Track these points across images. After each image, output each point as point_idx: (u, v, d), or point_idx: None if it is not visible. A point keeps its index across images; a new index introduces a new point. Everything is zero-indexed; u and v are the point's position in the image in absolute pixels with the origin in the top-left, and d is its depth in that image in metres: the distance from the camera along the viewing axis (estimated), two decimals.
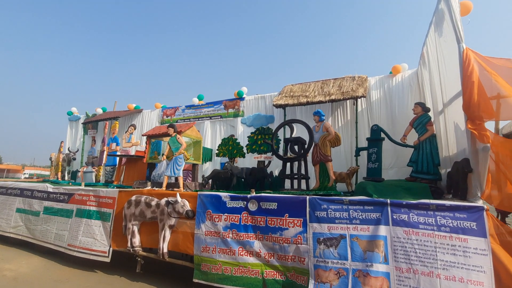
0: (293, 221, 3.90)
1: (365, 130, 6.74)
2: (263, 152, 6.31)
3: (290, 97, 7.03)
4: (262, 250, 4.03)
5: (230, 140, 6.68)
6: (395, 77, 6.82)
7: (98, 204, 5.76)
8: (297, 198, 3.98)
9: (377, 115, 6.81)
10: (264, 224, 4.08)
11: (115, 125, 8.02)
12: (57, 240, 6.04)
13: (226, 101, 8.76)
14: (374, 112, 6.84)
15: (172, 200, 4.79)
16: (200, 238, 4.43)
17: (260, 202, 4.18)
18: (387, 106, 6.75)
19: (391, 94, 6.71)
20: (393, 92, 6.72)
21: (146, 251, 5.18)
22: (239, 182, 6.16)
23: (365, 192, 4.23)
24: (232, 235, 4.22)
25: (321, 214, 3.78)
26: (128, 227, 5.15)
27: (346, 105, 7.05)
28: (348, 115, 7.02)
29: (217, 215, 4.41)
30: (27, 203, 6.92)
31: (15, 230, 6.90)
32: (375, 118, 6.75)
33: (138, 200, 5.15)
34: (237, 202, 4.35)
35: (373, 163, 5.16)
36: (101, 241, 5.47)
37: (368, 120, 6.87)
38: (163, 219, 4.82)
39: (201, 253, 4.37)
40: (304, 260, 3.72)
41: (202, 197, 4.64)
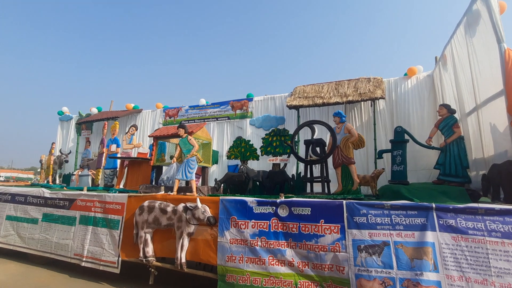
0: (330, 228, 3.68)
1: (381, 132, 6.65)
2: (278, 154, 6.08)
3: (304, 98, 6.86)
4: (295, 258, 3.78)
5: (243, 142, 6.42)
6: (410, 79, 6.78)
7: (105, 211, 5.35)
8: (333, 202, 3.78)
9: (393, 117, 6.74)
10: (296, 231, 3.84)
11: (115, 125, 7.59)
12: (59, 250, 5.58)
13: (234, 101, 8.49)
14: (390, 114, 6.76)
15: (191, 206, 4.48)
16: (225, 247, 4.14)
17: (291, 207, 3.94)
18: (402, 108, 6.70)
19: (407, 96, 6.67)
20: (409, 94, 6.68)
21: (159, 261, 4.83)
22: (254, 186, 5.90)
23: (400, 196, 4.08)
24: (261, 243, 3.95)
25: (360, 220, 3.59)
26: (140, 235, 4.78)
27: (361, 106, 6.95)
28: (364, 116, 6.92)
29: (243, 221, 4.13)
30: (20, 209, 6.39)
31: (5, 239, 6.35)
32: (391, 120, 6.67)
33: (152, 206, 4.79)
34: (265, 208, 4.09)
35: (398, 166, 5.04)
36: (109, 251, 5.08)
37: (384, 122, 6.78)
38: (180, 226, 4.49)
39: (226, 263, 4.07)
40: (344, 269, 3.51)
41: (225, 202, 4.35)
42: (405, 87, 6.77)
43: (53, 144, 9.18)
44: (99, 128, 10.29)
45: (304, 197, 4.29)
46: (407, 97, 6.67)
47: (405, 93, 6.70)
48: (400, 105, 6.74)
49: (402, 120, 6.57)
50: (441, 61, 5.90)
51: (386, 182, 5.52)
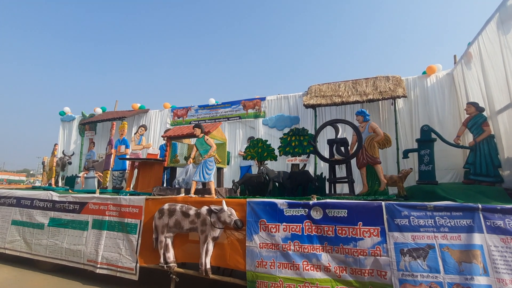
0: (369, 230, 3.54)
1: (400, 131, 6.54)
2: (297, 154, 5.91)
3: (321, 97, 6.73)
4: (332, 263, 3.62)
5: (259, 142, 6.24)
6: (429, 78, 6.70)
7: (120, 214, 5.12)
8: (371, 204, 3.64)
9: (412, 116, 6.65)
10: (332, 234, 3.68)
11: (124, 125, 7.33)
12: (70, 256, 5.33)
13: (245, 101, 8.31)
14: (408, 112, 6.67)
15: (216, 209, 4.29)
16: (254, 251, 3.96)
17: (325, 210, 3.79)
18: (422, 107, 6.62)
19: (427, 95, 6.59)
20: (429, 92, 6.60)
21: (180, 267, 4.62)
22: (274, 187, 5.73)
23: (436, 196, 3.96)
24: (294, 247, 3.79)
25: (402, 222, 3.45)
26: (161, 240, 4.57)
27: (379, 105, 6.84)
28: (382, 115, 6.82)
29: (273, 224, 3.96)
30: (26, 214, 6.11)
31: (11, 245, 6.06)
32: (410, 119, 6.57)
33: (172, 209, 4.58)
34: (297, 210, 3.93)
35: (426, 166, 4.93)
36: (126, 257, 4.86)
37: (403, 121, 6.68)
38: (205, 230, 4.29)
39: (256, 268, 3.90)
40: (386, 274, 3.36)
41: (253, 205, 4.18)
42: (424, 86, 6.69)
43: (55, 146, 8.86)
44: (103, 128, 10.01)
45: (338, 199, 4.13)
46: (427, 95, 6.59)
47: (425, 92, 6.63)
48: (420, 104, 6.66)
49: (421, 119, 6.48)
50: (464, 59, 5.82)
51: (408, 182, 5.40)
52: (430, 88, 6.62)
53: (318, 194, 5.24)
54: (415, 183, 5.23)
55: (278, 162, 6.51)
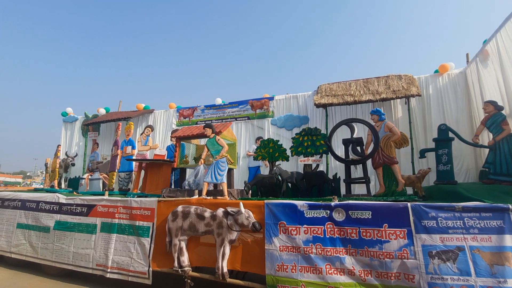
0: (395, 232, 3.44)
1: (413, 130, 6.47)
2: (310, 155, 5.80)
3: (332, 96, 6.64)
4: (356, 267, 3.52)
5: (271, 142, 6.12)
6: (441, 76, 6.64)
7: (131, 217, 4.99)
8: (397, 205, 3.54)
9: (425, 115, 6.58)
10: (356, 237, 3.58)
11: (130, 126, 7.20)
12: (78, 260, 5.18)
13: (253, 100, 8.20)
14: (421, 111, 6.60)
15: (233, 211, 4.17)
16: (274, 255, 3.85)
17: (348, 211, 3.69)
18: (435, 106, 6.56)
19: (440, 94, 6.53)
20: (441, 91, 6.54)
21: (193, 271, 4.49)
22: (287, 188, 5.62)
23: (459, 197, 3.88)
24: (316, 250, 3.68)
25: (429, 224, 3.36)
26: (174, 244, 4.45)
27: (391, 104, 6.77)
28: (394, 114, 6.74)
29: (294, 227, 3.85)
30: (31, 217, 5.96)
31: (17, 249, 5.91)
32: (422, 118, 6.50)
33: (187, 211, 4.46)
34: (318, 212, 3.82)
35: (444, 165, 4.86)
36: (138, 261, 4.72)
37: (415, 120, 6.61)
38: (221, 233, 4.17)
39: (276, 272, 3.79)
40: (414, 278, 3.27)
41: (271, 207, 4.07)
42: (437, 85, 6.62)
43: (58, 147, 8.71)
44: (107, 129, 9.85)
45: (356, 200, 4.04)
46: (440, 94, 6.53)
47: (438, 91, 6.56)
48: (433, 103, 6.59)
49: (434, 118, 6.43)
50: (479, 57, 5.77)
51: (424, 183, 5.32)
52: (443, 87, 6.56)
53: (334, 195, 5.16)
54: (432, 183, 5.14)
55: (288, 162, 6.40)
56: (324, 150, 5.74)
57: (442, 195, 4.43)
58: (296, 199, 4.33)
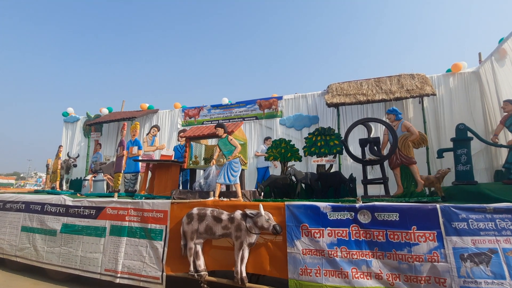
0: (424, 235, 3.35)
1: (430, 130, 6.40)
2: (323, 155, 5.70)
3: (344, 96, 6.55)
4: (384, 270, 3.43)
5: (283, 142, 6.01)
6: (454, 76, 6.59)
7: (142, 220, 4.84)
8: (425, 207, 3.45)
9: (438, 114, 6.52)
10: (383, 239, 3.48)
11: (136, 126, 7.03)
12: (86, 265, 5.01)
13: (261, 100, 8.08)
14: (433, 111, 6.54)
15: (252, 213, 4.05)
16: (296, 258, 3.74)
17: (374, 213, 3.59)
18: (448, 105, 6.50)
19: (453, 93, 6.47)
20: (455, 90, 6.49)
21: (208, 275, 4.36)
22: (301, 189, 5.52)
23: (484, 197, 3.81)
24: (341, 254, 3.58)
25: (460, 226, 3.27)
26: (190, 247, 4.31)
27: (403, 104, 6.70)
28: (407, 114, 6.68)
29: (317, 229, 3.74)
30: (36, 220, 5.78)
31: (21, 253, 5.73)
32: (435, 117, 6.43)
33: (203, 214, 4.33)
34: (342, 214, 3.72)
35: (463, 165, 4.78)
36: (151, 265, 4.57)
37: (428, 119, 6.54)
38: (240, 236, 4.05)
39: (300, 276, 3.68)
40: (445, 282, 3.18)
41: (292, 209, 3.95)
42: (450, 84, 6.57)
43: (60, 147, 8.49)
44: (110, 130, 9.65)
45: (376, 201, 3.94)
46: (453, 94, 6.48)
47: (451, 90, 6.51)
48: (445, 102, 6.54)
49: (447, 118, 6.38)
50: (495, 56, 5.73)
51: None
52: (456, 86, 6.52)
53: (350, 196, 5.06)
54: (449, 183, 5.07)
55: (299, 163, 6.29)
56: (338, 150, 5.65)
57: (463, 196, 4.36)
58: (313, 200, 4.23)
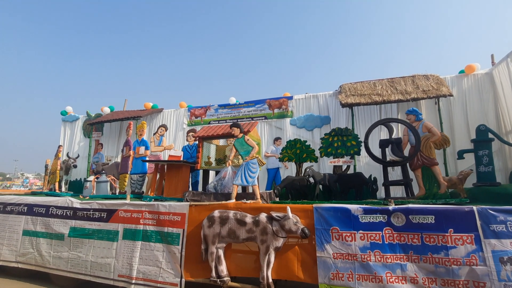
0: (461, 238, 3.29)
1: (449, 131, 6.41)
2: (340, 156, 5.63)
3: (358, 96, 6.50)
4: (419, 274, 3.36)
5: (298, 143, 5.92)
6: (468, 77, 6.63)
7: (158, 223, 4.66)
8: (461, 209, 3.40)
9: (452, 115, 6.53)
10: (419, 243, 3.42)
11: (143, 125, 6.82)
12: (97, 270, 4.79)
13: (271, 100, 7.95)
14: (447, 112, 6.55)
15: (279, 216, 3.92)
16: (327, 262, 3.64)
17: (408, 216, 3.52)
18: (460, 106, 6.53)
19: (466, 94, 6.50)
20: (468, 92, 6.52)
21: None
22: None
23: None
24: (375, 258, 3.49)
25: (498, 228, 3.23)
26: (211, 252, 4.15)
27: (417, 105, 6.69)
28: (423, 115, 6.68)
29: (348, 233, 3.65)
30: (40, 223, 5.50)
31: (23, 258, 5.44)
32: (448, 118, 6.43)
33: (225, 217, 4.18)
34: (375, 216, 3.64)
35: (485, 167, 4.78)
36: (168, 270, 4.39)
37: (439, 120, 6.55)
38: (266, 239, 3.91)
39: (331, 281, 3.58)
40: (485, 285, 3.13)
41: (321, 211, 3.85)
42: (463, 85, 6.61)
43: (59, 147, 8.19)
44: (111, 129, 9.35)
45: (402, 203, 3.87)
46: (466, 95, 6.51)
47: (464, 91, 6.54)
48: (459, 103, 6.57)
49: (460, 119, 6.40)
50: (511, 57, 5.77)
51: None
52: (469, 88, 6.55)
53: (372, 198, 5.00)
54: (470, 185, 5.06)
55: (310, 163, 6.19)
56: (355, 151, 5.59)
57: (488, 198, 4.35)
58: (341, 202, 4.14)
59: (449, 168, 6.24)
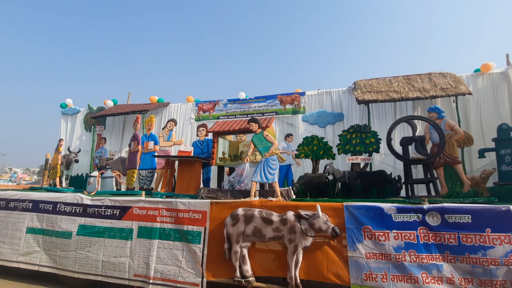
0: (499, 238, 3.27)
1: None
2: (358, 153, 5.57)
3: (375, 93, 6.44)
4: (456, 274, 3.32)
5: (315, 139, 5.83)
6: (483, 76, 6.64)
7: (177, 221, 4.50)
8: (498, 208, 3.37)
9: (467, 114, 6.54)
10: (455, 242, 3.37)
11: (151, 119, 6.61)
12: (110, 270, 4.60)
13: (282, 95, 7.82)
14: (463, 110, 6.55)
15: (308, 214, 3.82)
16: (359, 262, 3.56)
17: (444, 215, 3.47)
18: (476, 105, 6.54)
19: (482, 93, 6.50)
20: (484, 90, 6.53)
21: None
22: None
23: None
24: (410, 258, 3.43)
25: None
26: (235, 251, 4.02)
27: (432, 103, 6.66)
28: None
29: (381, 232, 3.58)
30: (46, 220, 5.26)
31: (27, 258, 5.18)
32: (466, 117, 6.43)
33: (250, 215, 4.06)
34: (409, 215, 3.58)
35: (507, 166, 4.79)
36: (189, 270, 4.25)
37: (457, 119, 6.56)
38: (294, 239, 3.81)
39: (364, 281, 3.51)
40: None
41: (352, 210, 3.77)
42: (479, 84, 6.63)
43: (60, 141, 7.88)
44: (114, 123, 9.07)
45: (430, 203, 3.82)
46: (481, 93, 6.51)
47: (479, 90, 6.55)
48: (474, 102, 6.57)
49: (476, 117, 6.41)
50: None
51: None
52: (484, 86, 6.57)
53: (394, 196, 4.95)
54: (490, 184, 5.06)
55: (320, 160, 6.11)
56: (375, 148, 5.54)
57: (511, 196, 4.35)
58: (370, 200, 4.07)
59: (466, 166, 6.26)
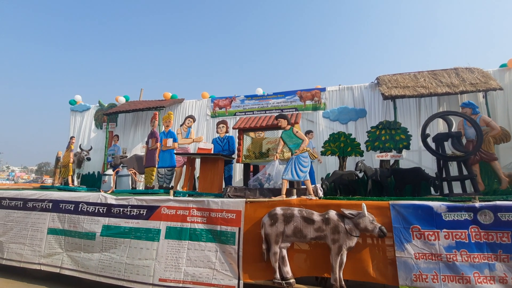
0: None
1: None
2: (388, 150, 5.49)
3: (401, 88, 6.34)
4: (509, 274, 3.28)
5: (342, 136, 5.74)
6: (510, 71, 6.58)
7: (209, 221, 4.39)
8: None
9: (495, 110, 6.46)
10: (508, 241, 3.34)
11: (169, 116, 6.46)
12: (133, 274, 4.42)
13: (302, 91, 7.70)
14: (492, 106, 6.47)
15: (352, 214, 3.73)
16: (408, 263, 3.48)
17: (497, 213, 3.40)
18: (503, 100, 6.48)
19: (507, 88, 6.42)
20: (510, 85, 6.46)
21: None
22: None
23: None
24: (461, 257, 3.36)
25: None
26: (275, 252, 3.92)
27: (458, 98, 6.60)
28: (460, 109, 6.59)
29: (431, 231, 3.50)
30: (68, 220, 5.12)
31: (49, 260, 5.04)
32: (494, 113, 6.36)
33: (289, 214, 3.95)
34: (459, 214, 3.51)
35: None
36: (223, 272, 4.13)
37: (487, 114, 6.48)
38: (338, 239, 3.72)
39: (413, 282, 3.44)
40: None
41: (399, 209, 3.69)
42: (505, 79, 6.56)
43: (72, 139, 7.72)
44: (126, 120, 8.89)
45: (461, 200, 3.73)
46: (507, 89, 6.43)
47: (507, 85, 6.48)
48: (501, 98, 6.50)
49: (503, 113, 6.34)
50: None
51: None
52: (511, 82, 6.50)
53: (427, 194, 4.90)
54: None
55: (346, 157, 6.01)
56: (405, 145, 5.46)
57: None
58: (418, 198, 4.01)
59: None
